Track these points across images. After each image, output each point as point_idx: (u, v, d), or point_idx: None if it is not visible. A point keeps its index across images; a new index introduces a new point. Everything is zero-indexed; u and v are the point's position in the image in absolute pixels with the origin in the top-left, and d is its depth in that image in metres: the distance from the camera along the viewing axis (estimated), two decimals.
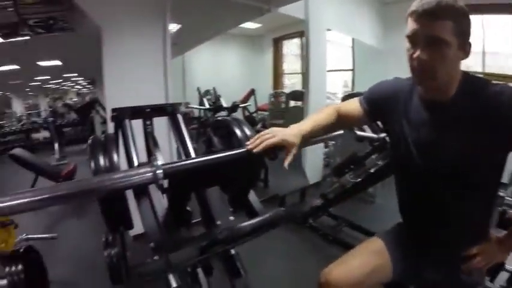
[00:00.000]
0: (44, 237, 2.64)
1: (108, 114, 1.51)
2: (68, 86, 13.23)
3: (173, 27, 4.16)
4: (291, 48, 8.49)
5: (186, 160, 0.84)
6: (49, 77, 9.08)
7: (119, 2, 2.31)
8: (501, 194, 1.61)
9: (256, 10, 3.47)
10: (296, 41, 7.98)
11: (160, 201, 0.96)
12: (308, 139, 1.11)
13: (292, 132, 1.03)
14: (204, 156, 0.86)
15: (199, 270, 1.14)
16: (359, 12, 5.27)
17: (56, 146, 6.63)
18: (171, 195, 0.98)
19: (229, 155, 0.89)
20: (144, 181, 0.73)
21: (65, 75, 9.64)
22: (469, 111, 0.96)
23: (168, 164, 0.77)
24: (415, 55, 0.93)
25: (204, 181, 0.96)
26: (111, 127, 1.32)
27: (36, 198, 0.61)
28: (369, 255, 1.23)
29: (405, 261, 1.22)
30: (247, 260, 1.10)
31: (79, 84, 12.87)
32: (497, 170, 1.03)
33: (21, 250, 0.84)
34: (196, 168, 0.82)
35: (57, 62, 6.36)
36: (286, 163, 0.97)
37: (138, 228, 0.97)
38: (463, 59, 0.97)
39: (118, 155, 0.85)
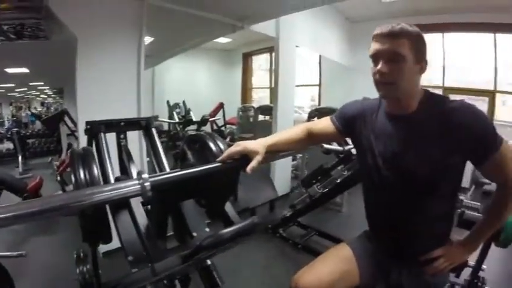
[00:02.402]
0: (11, 255, 2.51)
1: (81, 127, 1.49)
2: (33, 95, 12.66)
3: (146, 39, 4.17)
4: (261, 63, 8.65)
5: (172, 173, 0.85)
6: (14, 85, 8.67)
7: (96, 12, 2.29)
8: (461, 197, 1.74)
9: (230, 27, 3.56)
10: (265, 56, 8.14)
11: (142, 215, 0.96)
12: (273, 151, 1.17)
13: (255, 142, 1.08)
14: (185, 169, 0.88)
15: (177, 282, 1.15)
16: (327, 30, 5.52)
17: (20, 158, 6.25)
18: (153, 207, 1.00)
19: (210, 167, 0.92)
20: (132, 194, 0.73)
21: (31, 83, 9.26)
22: (429, 125, 1.06)
23: (155, 176, 0.79)
24: (376, 69, 1.05)
25: (185, 193, 0.98)
26: (83, 140, 1.32)
27: (17, 213, 0.59)
28: (337, 261, 1.30)
29: (372, 266, 1.29)
30: (222, 270, 1.12)
31: (45, 93, 12.34)
32: (456, 177, 1.12)
33: None
34: (180, 180, 0.84)
35: (25, 70, 6.13)
36: (248, 168, 1.00)
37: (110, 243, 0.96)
38: (420, 73, 1.09)
39: (98, 169, 0.86)
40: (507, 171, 1.04)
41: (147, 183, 0.73)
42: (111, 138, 1.29)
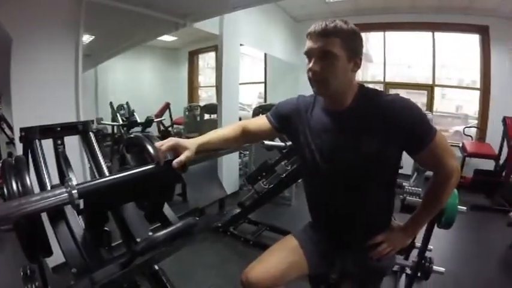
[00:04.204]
0: None
1: (16, 134, 1.39)
2: None
3: (86, 38, 3.96)
4: (207, 61, 8.56)
5: (100, 178, 0.83)
6: None
7: (32, 10, 2.12)
8: (405, 184, 1.87)
9: (173, 24, 3.49)
10: (212, 55, 8.03)
11: (78, 224, 0.94)
12: (207, 149, 1.17)
13: (187, 140, 1.09)
14: (116, 174, 0.86)
15: None
16: (272, 29, 5.63)
17: None
18: (87, 216, 0.97)
19: (141, 170, 0.91)
20: (60, 203, 0.71)
21: None
22: (364, 118, 1.11)
23: (82, 183, 0.77)
24: (309, 67, 1.09)
25: (119, 198, 0.96)
26: (20, 148, 1.23)
27: None
28: (284, 253, 1.35)
29: (318, 255, 1.36)
30: (174, 275, 1.12)
31: None
32: (392, 167, 1.18)
33: None
34: (110, 186, 0.82)
35: None
36: (175, 161, 0.98)
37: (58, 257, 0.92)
38: (354, 70, 1.13)
39: (30, 178, 0.83)
40: (441, 159, 1.11)
41: (74, 191, 0.72)
42: (50, 145, 1.23)
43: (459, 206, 1.65)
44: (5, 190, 0.77)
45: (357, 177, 1.17)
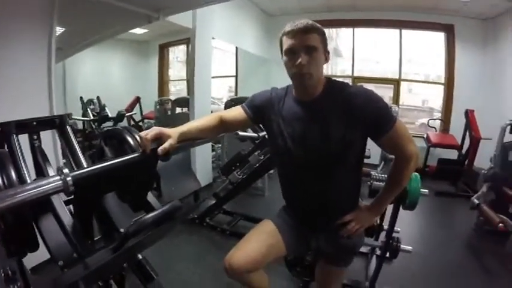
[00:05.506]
0: None
1: None
2: None
3: (57, 30, 3.83)
4: (178, 54, 8.45)
5: (91, 166, 0.85)
6: None
7: (4, 1, 2.02)
8: (372, 172, 1.99)
9: (146, 17, 3.44)
10: (183, 48, 7.99)
11: (67, 214, 0.94)
12: (187, 138, 1.21)
13: (170, 129, 1.13)
14: (105, 162, 0.88)
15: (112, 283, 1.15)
16: (243, 23, 5.67)
17: None
18: (77, 205, 0.99)
19: (128, 158, 0.94)
20: (54, 190, 0.72)
21: None
22: (331, 107, 1.22)
23: (75, 171, 0.78)
24: (297, 62, 1.18)
25: (107, 186, 0.99)
26: None
27: None
28: (262, 236, 1.44)
29: (293, 236, 1.46)
30: (156, 268, 1.16)
31: None
32: (357, 150, 1.27)
33: None
34: (100, 173, 0.84)
35: None
36: (160, 148, 1.02)
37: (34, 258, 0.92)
38: (325, 63, 1.26)
39: (15, 172, 0.84)
40: (401, 145, 1.23)
41: (68, 178, 0.73)
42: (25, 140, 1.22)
43: (422, 189, 1.78)
44: None
45: (326, 161, 1.26)
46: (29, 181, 1.01)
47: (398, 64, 6.12)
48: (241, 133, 2.80)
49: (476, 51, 5.50)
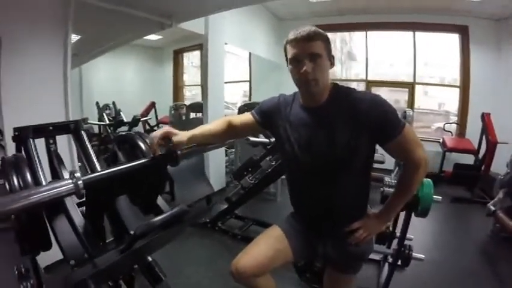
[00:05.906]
0: None
1: (7, 135, 1.40)
2: None
3: (73, 37, 3.97)
4: (192, 60, 8.54)
5: (102, 171, 0.89)
6: None
7: (21, 9, 2.11)
8: (386, 178, 1.96)
9: (159, 24, 3.53)
10: (197, 53, 8.04)
11: (79, 216, 0.98)
12: (197, 142, 1.28)
13: (179, 131, 1.19)
14: (116, 167, 0.92)
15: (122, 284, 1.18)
16: (256, 28, 5.69)
17: None
18: (88, 207, 1.03)
19: (138, 163, 0.98)
20: (66, 193, 0.76)
21: None
22: (338, 113, 1.22)
23: (86, 175, 0.82)
24: (302, 70, 1.19)
25: (118, 190, 1.02)
26: (12, 149, 1.26)
27: None
28: (270, 242, 1.45)
29: (301, 242, 1.46)
30: (165, 271, 1.18)
31: None
32: (364, 156, 1.25)
33: None
34: (111, 178, 0.88)
35: None
36: (172, 142, 1.11)
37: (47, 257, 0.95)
38: (331, 68, 1.26)
39: (31, 175, 0.87)
40: (409, 150, 1.21)
41: (80, 182, 0.77)
42: (41, 144, 1.26)
43: (434, 196, 1.74)
44: (7, 186, 0.80)
45: (332, 167, 1.26)
46: (44, 183, 1.06)
47: (413, 67, 6.02)
48: (252, 139, 2.82)
49: (490, 53, 5.35)
